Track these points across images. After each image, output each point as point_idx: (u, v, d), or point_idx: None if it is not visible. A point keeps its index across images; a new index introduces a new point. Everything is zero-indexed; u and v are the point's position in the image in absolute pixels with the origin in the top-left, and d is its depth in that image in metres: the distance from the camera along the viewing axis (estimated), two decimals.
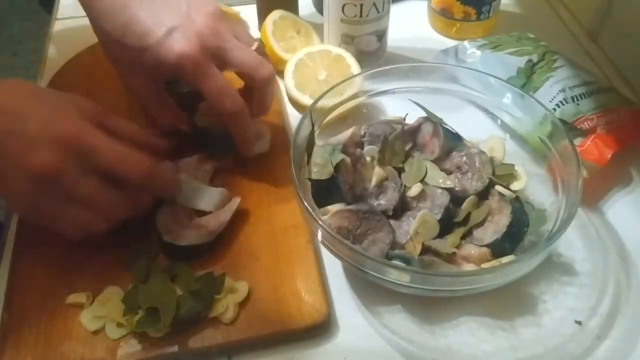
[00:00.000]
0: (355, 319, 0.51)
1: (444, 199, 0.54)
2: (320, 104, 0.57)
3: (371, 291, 0.53)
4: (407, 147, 0.60)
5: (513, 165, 0.58)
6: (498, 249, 0.51)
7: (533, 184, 0.57)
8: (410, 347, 0.50)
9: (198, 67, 0.52)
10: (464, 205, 0.54)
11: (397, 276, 0.47)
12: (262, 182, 0.60)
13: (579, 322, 0.51)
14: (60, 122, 0.47)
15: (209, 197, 0.56)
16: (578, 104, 0.62)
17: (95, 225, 0.51)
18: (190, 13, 0.53)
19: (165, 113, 0.60)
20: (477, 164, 0.56)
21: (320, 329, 0.50)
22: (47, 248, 0.54)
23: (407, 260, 0.49)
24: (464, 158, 0.57)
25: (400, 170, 0.57)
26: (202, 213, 0.56)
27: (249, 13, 0.83)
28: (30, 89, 0.50)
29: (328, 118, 0.60)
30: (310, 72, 0.67)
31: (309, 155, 0.54)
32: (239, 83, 0.60)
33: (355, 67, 0.67)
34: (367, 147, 0.58)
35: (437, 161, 0.58)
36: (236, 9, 0.83)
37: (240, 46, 0.55)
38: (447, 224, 0.53)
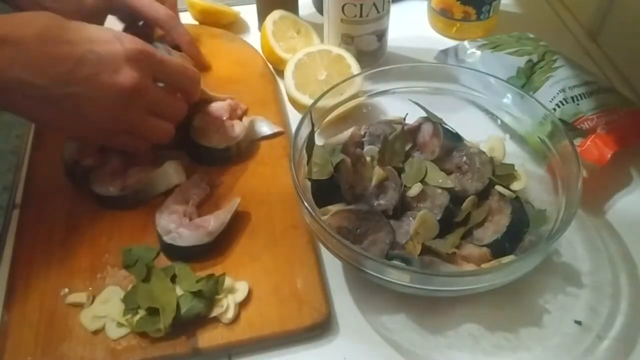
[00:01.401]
0: (355, 319, 0.51)
1: (444, 199, 0.54)
2: (320, 104, 0.57)
3: (371, 291, 0.53)
4: (407, 147, 0.60)
5: (513, 165, 0.58)
6: (498, 249, 0.51)
7: (533, 184, 0.57)
8: (410, 347, 0.50)
9: None
10: (464, 205, 0.54)
11: (397, 276, 0.47)
12: (262, 182, 0.60)
13: (579, 322, 0.51)
14: (126, 41, 0.52)
15: (164, 177, 0.59)
16: (578, 104, 0.62)
17: (166, 130, 0.57)
18: None
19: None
20: (477, 164, 0.56)
21: (320, 329, 0.50)
22: (47, 248, 0.54)
23: (407, 260, 0.49)
24: (464, 158, 0.57)
25: (400, 170, 0.57)
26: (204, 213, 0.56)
27: (249, 13, 0.83)
28: (71, 19, 0.52)
29: (328, 118, 0.60)
30: (310, 72, 0.67)
31: (309, 155, 0.54)
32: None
33: (355, 67, 0.67)
34: (367, 147, 0.58)
35: (437, 161, 0.58)
36: (236, 9, 0.83)
37: None
38: (447, 224, 0.53)
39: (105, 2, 0.66)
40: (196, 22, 0.82)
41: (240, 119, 0.65)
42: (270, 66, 0.75)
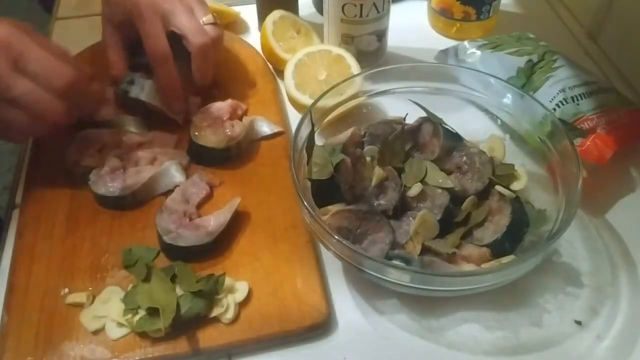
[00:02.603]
0: (355, 318, 0.51)
1: (444, 199, 0.54)
2: (320, 104, 0.57)
3: (371, 291, 0.53)
4: (407, 147, 0.60)
5: (513, 165, 0.58)
6: (498, 249, 0.51)
7: (533, 184, 0.57)
8: (410, 347, 0.50)
9: (143, 15, 0.61)
10: (464, 205, 0.54)
11: (397, 276, 0.47)
12: (262, 182, 0.60)
13: (579, 322, 0.51)
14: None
15: (164, 177, 0.59)
16: (578, 104, 0.62)
17: (33, 127, 0.53)
18: None
19: (118, 60, 0.66)
20: (477, 164, 0.56)
21: (320, 329, 0.50)
22: (47, 248, 0.54)
23: (407, 260, 0.49)
24: (464, 158, 0.57)
25: (400, 170, 0.57)
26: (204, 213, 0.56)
27: (249, 13, 0.83)
28: None
29: (328, 118, 0.60)
30: (310, 72, 0.67)
31: (309, 155, 0.54)
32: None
33: (355, 67, 0.67)
34: (367, 147, 0.58)
35: (437, 161, 0.58)
36: (236, 9, 0.83)
37: (186, 13, 0.62)
38: (447, 224, 0.53)
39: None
40: None
41: (240, 119, 0.66)
42: (270, 66, 0.75)
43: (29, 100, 0.52)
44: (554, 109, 0.62)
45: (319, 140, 0.57)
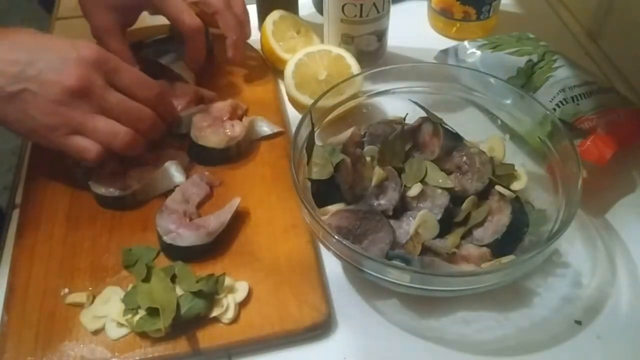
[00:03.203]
0: (355, 318, 0.51)
1: (444, 199, 0.54)
2: (320, 104, 0.57)
3: (371, 291, 0.53)
4: (407, 147, 0.59)
5: (513, 165, 0.58)
6: (498, 249, 0.51)
7: (533, 184, 0.57)
8: (410, 347, 0.50)
9: None
10: (464, 205, 0.54)
11: (397, 276, 0.47)
12: (262, 182, 0.60)
13: (579, 322, 0.51)
14: (83, 48, 0.53)
15: (164, 177, 0.59)
16: (578, 104, 0.62)
17: (119, 132, 0.54)
18: None
19: (122, 48, 0.65)
20: (477, 164, 0.56)
21: (320, 329, 0.50)
22: (47, 248, 0.54)
23: (407, 260, 0.49)
24: (464, 158, 0.57)
25: (400, 170, 0.57)
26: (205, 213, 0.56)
27: (249, 13, 0.83)
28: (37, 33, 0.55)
29: (328, 118, 0.60)
30: (310, 72, 0.67)
31: (309, 155, 0.54)
32: None
33: (355, 67, 0.67)
34: (367, 147, 0.58)
35: (437, 161, 0.58)
36: None
37: None
38: (447, 224, 0.53)
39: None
40: None
41: (240, 119, 0.66)
42: (270, 66, 0.75)
43: (124, 109, 0.55)
44: (554, 109, 0.62)
45: (319, 140, 0.57)
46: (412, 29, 0.82)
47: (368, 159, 0.57)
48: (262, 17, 0.77)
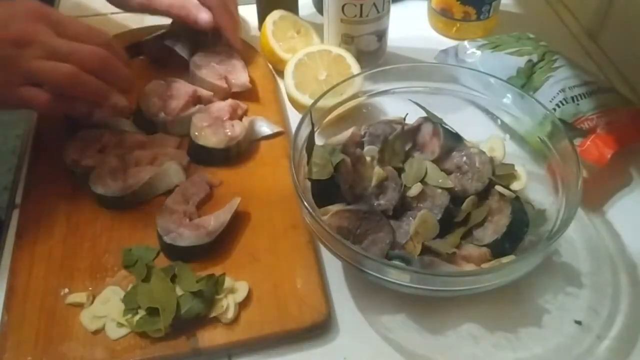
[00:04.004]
0: (355, 318, 0.51)
1: (444, 199, 0.54)
2: (320, 104, 0.57)
3: (371, 291, 0.53)
4: (407, 147, 0.60)
5: (513, 165, 0.58)
6: (498, 249, 0.51)
7: (533, 184, 0.57)
8: (410, 346, 0.50)
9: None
10: (464, 205, 0.54)
11: (397, 276, 0.47)
12: (262, 182, 0.60)
13: (579, 322, 0.51)
14: (23, 2, 0.54)
15: (164, 177, 0.59)
16: (578, 104, 0.62)
17: (61, 70, 0.54)
18: None
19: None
20: (477, 164, 0.56)
21: (320, 329, 0.50)
22: (47, 248, 0.54)
23: (407, 260, 0.49)
24: (464, 158, 0.57)
25: (400, 170, 0.57)
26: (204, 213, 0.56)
27: (249, 13, 0.83)
28: None
29: (328, 118, 0.60)
30: (310, 72, 0.67)
31: (309, 155, 0.54)
32: None
33: (355, 67, 0.67)
34: (367, 147, 0.58)
35: (437, 161, 0.58)
36: None
37: None
38: (447, 224, 0.53)
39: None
40: None
41: (240, 119, 0.66)
42: (270, 66, 0.75)
43: (69, 49, 0.54)
44: (554, 109, 0.62)
45: (319, 140, 0.57)
46: (412, 29, 0.82)
47: (368, 159, 0.57)
48: (262, 17, 0.77)
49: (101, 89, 0.57)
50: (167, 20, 0.71)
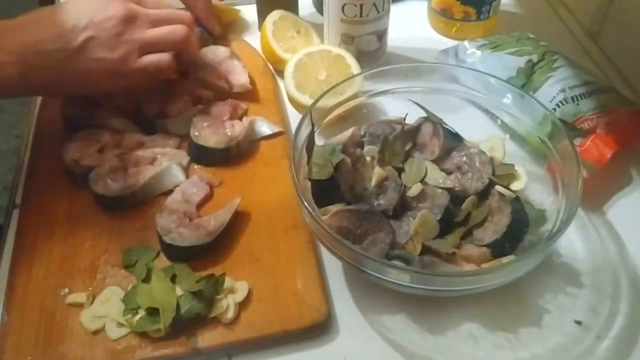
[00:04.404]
0: (355, 319, 0.51)
1: (444, 199, 0.54)
2: (320, 104, 0.57)
3: (371, 291, 0.53)
4: (407, 147, 0.60)
5: (513, 165, 0.58)
6: (498, 249, 0.51)
7: (533, 184, 0.57)
8: (410, 346, 0.50)
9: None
10: (464, 205, 0.54)
11: (397, 276, 0.47)
12: (262, 182, 0.60)
13: (579, 322, 0.51)
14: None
15: (164, 177, 0.60)
16: (578, 104, 0.62)
17: (176, 32, 0.61)
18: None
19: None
20: (477, 164, 0.56)
21: (320, 329, 0.50)
22: (47, 248, 0.54)
23: (407, 260, 0.49)
24: (464, 158, 0.57)
25: (400, 170, 0.57)
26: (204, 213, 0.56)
27: (249, 13, 0.83)
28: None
29: (328, 118, 0.60)
30: (310, 72, 0.67)
31: (309, 155, 0.54)
32: None
33: (355, 67, 0.67)
34: (367, 147, 0.58)
35: (437, 161, 0.58)
36: (237, 8, 0.83)
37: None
38: (447, 224, 0.53)
39: None
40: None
41: (240, 119, 0.66)
42: (270, 66, 0.75)
43: (165, 16, 0.61)
44: (554, 109, 0.62)
45: (319, 140, 0.57)
46: (412, 29, 0.82)
47: (368, 159, 0.57)
48: (262, 17, 0.77)
49: (197, 45, 0.66)
50: None
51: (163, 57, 0.60)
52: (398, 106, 0.61)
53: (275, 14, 0.75)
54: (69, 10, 0.57)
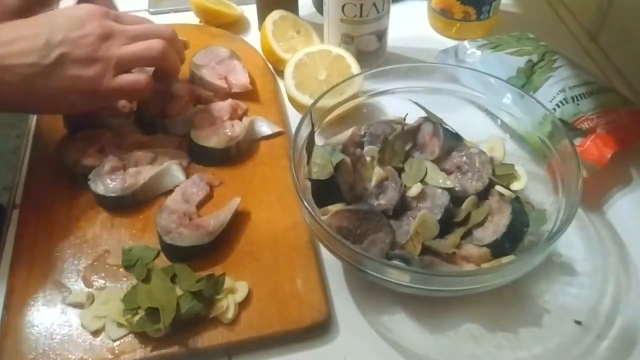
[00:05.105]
0: (355, 319, 0.51)
1: (444, 199, 0.54)
2: (320, 104, 0.57)
3: (371, 291, 0.53)
4: (407, 147, 0.60)
5: (513, 165, 0.57)
6: (498, 249, 0.51)
7: (533, 184, 0.57)
8: (410, 346, 0.50)
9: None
10: (464, 205, 0.54)
11: (397, 276, 0.47)
12: (262, 182, 0.60)
13: (579, 322, 0.51)
14: (84, 6, 0.57)
15: (164, 177, 0.60)
16: (578, 104, 0.62)
17: (155, 47, 0.58)
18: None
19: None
20: (477, 164, 0.56)
21: (320, 329, 0.50)
22: (47, 248, 0.54)
23: (407, 260, 0.49)
24: (464, 158, 0.57)
25: (400, 170, 0.57)
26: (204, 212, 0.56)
27: (249, 13, 0.83)
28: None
29: (328, 118, 0.60)
30: (310, 72, 0.67)
31: (309, 155, 0.54)
32: None
33: (355, 67, 0.67)
34: (367, 147, 0.58)
35: (437, 161, 0.58)
36: (237, 8, 0.83)
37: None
38: (447, 224, 0.53)
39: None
40: (198, 21, 0.82)
41: (240, 119, 0.66)
42: (270, 66, 0.75)
43: (144, 32, 0.58)
44: (554, 109, 0.62)
45: (319, 140, 0.57)
46: (412, 29, 0.82)
47: (368, 159, 0.57)
48: (262, 17, 0.77)
49: (177, 60, 0.61)
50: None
51: (139, 78, 0.57)
52: (398, 106, 0.61)
53: (275, 14, 0.75)
54: (43, 24, 0.55)
